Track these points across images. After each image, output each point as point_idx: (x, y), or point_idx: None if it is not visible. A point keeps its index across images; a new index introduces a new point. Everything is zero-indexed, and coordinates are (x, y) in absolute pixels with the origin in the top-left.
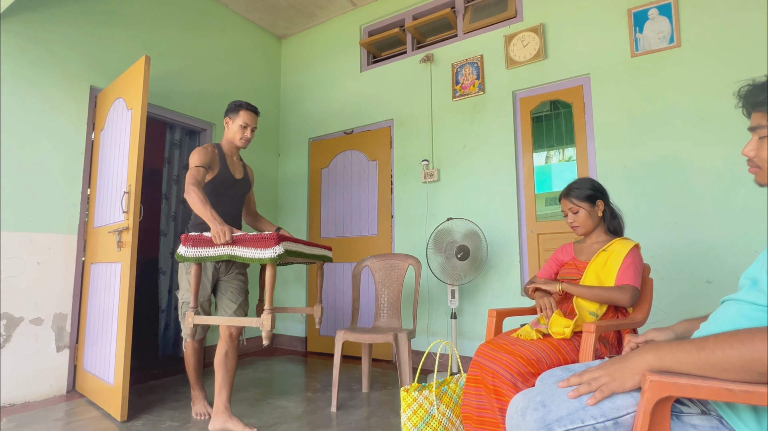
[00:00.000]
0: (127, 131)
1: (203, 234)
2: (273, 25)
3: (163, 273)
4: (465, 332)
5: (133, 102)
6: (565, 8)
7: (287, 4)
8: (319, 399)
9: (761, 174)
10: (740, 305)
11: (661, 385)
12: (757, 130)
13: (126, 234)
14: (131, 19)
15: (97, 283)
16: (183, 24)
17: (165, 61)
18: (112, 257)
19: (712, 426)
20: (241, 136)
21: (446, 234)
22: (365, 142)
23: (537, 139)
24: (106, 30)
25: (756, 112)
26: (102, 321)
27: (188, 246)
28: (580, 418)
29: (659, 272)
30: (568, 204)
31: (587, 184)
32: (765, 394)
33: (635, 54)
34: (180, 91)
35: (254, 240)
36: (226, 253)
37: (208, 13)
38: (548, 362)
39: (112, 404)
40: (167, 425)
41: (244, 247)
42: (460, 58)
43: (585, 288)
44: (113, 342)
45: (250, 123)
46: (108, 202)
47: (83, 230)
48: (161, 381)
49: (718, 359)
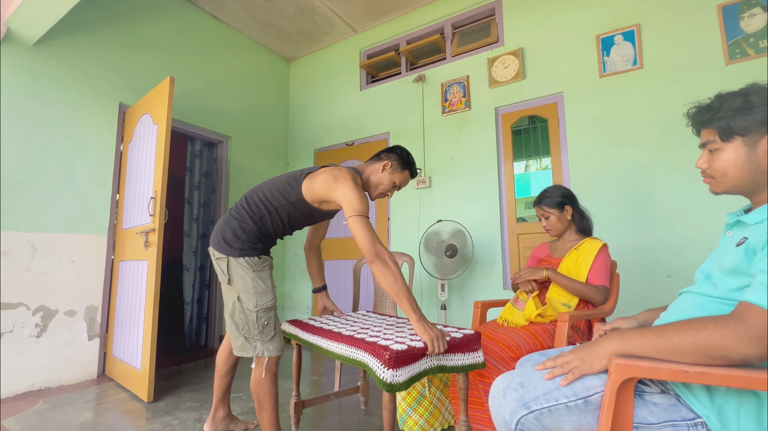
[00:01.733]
0: (153, 143)
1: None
2: (282, 48)
3: (187, 269)
4: (453, 321)
5: (159, 117)
6: (541, 34)
7: (295, 30)
8: (323, 382)
9: (715, 183)
10: (695, 297)
11: (626, 368)
12: (707, 145)
13: (152, 235)
14: (156, 44)
15: (126, 279)
16: (203, 48)
17: (186, 81)
18: (140, 255)
19: (671, 404)
20: (384, 194)
21: (436, 234)
22: (365, 152)
23: (517, 150)
24: (134, 53)
25: (704, 129)
26: (130, 312)
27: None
28: (554, 397)
29: (625, 267)
30: (540, 210)
31: (557, 191)
32: (716, 375)
33: (603, 75)
34: (200, 107)
35: (461, 345)
36: (437, 365)
37: (225, 38)
38: (527, 347)
39: (139, 387)
40: (187, 405)
41: (454, 353)
42: (448, 78)
43: (566, 279)
44: (140, 331)
45: (403, 185)
46: (136, 207)
47: (112, 231)
48: (184, 366)
49: (675, 344)
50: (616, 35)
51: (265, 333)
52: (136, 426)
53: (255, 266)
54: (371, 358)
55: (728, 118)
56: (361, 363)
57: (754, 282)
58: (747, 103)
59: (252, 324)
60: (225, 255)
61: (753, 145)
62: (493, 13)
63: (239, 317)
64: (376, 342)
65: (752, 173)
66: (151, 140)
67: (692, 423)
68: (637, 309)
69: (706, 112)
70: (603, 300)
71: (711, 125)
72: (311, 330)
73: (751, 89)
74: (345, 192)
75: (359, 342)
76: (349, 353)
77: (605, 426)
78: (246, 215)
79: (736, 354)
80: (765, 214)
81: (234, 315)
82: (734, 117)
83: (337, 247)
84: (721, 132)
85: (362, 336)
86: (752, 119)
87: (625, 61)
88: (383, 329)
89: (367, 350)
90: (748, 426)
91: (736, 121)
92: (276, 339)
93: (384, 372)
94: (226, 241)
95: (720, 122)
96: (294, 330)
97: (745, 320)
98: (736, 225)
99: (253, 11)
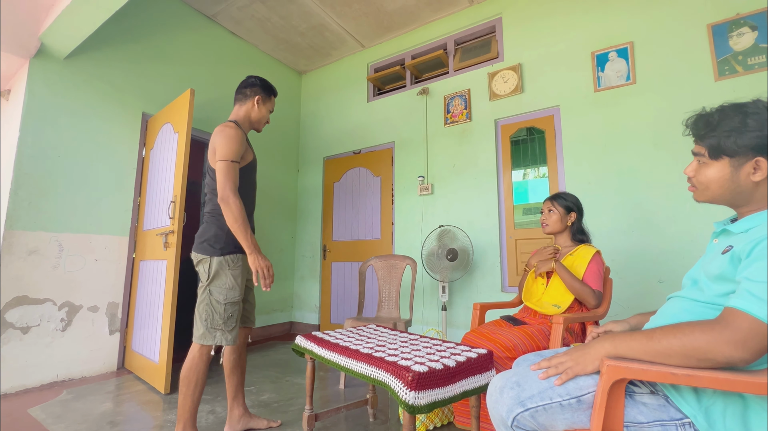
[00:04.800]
0: (174, 150)
1: (434, 370)
2: (295, 62)
3: None
4: (453, 322)
5: (180, 126)
6: (539, 51)
7: (307, 45)
8: (329, 378)
9: (698, 193)
10: (683, 302)
11: (617, 369)
12: (698, 156)
13: (171, 236)
14: (178, 57)
15: (146, 277)
16: (220, 61)
17: (205, 92)
18: (159, 255)
19: (660, 404)
20: (266, 121)
21: (438, 239)
22: (371, 160)
23: (515, 159)
24: (156, 66)
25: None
26: (149, 308)
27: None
28: (549, 396)
29: (618, 273)
30: (549, 205)
31: (572, 198)
32: (703, 377)
33: (598, 89)
34: (217, 117)
35: (477, 366)
36: (461, 392)
37: (241, 53)
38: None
39: (157, 379)
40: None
41: (473, 375)
42: (451, 91)
43: (569, 276)
44: (159, 327)
45: (273, 110)
46: (156, 209)
47: (134, 232)
48: None
49: (664, 347)
50: (611, 52)
51: (227, 324)
52: (153, 416)
53: (231, 265)
54: (393, 379)
55: (721, 137)
56: (382, 383)
57: (738, 289)
58: (742, 125)
59: (218, 315)
60: (208, 256)
61: (738, 166)
62: (493, 30)
63: (204, 308)
64: (396, 362)
65: (732, 192)
66: (172, 148)
67: (680, 423)
68: (630, 312)
69: (704, 125)
70: (597, 303)
71: (703, 141)
72: (327, 346)
73: (751, 108)
74: (215, 142)
75: (379, 362)
76: (370, 372)
77: (597, 425)
78: (219, 214)
79: (722, 357)
80: (750, 224)
81: (199, 307)
82: (727, 138)
83: (343, 250)
84: (711, 150)
85: (381, 354)
86: (742, 142)
87: (619, 76)
88: (399, 346)
89: (389, 370)
90: (733, 426)
91: (727, 143)
92: (234, 331)
93: (406, 394)
94: (209, 243)
95: (712, 140)
96: (309, 345)
97: (730, 324)
98: (723, 234)
99: (268, 27)
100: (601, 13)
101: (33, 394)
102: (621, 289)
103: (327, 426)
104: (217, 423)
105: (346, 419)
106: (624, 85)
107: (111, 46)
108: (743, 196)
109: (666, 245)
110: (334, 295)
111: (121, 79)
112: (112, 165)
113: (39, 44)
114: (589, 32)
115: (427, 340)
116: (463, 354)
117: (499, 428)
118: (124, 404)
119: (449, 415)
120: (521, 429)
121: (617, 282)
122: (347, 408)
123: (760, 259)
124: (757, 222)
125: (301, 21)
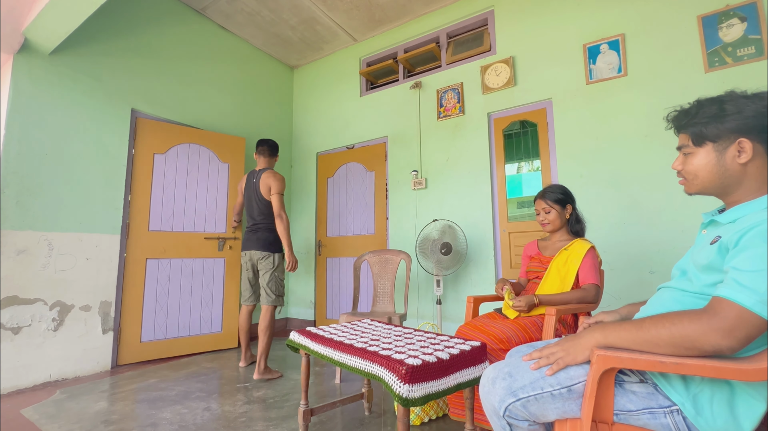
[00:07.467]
0: (218, 176)
1: (428, 362)
2: (286, 57)
3: None
4: (448, 315)
5: (227, 158)
6: (531, 44)
7: (298, 39)
8: (325, 373)
9: (687, 184)
10: (672, 292)
11: (607, 358)
12: (683, 148)
13: (230, 241)
14: (166, 52)
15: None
16: (211, 56)
17: (196, 87)
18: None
19: (649, 392)
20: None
21: (432, 233)
22: (364, 155)
23: (508, 153)
24: (145, 61)
25: (681, 133)
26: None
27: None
28: (540, 386)
29: (610, 264)
30: (542, 204)
31: (559, 189)
32: (690, 365)
33: (589, 82)
34: (211, 115)
35: (471, 358)
36: (455, 385)
37: (231, 47)
38: (516, 340)
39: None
40: (196, 395)
41: (467, 368)
42: (443, 85)
43: (559, 298)
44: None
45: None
46: (182, 213)
47: (125, 231)
48: (194, 358)
49: (653, 337)
50: (602, 44)
51: (283, 294)
52: (148, 415)
53: (282, 259)
54: (387, 372)
55: (702, 124)
56: (376, 377)
57: (726, 279)
58: (721, 111)
59: (282, 288)
60: (272, 253)
61: (723, 150)
62: (485, 23)
63: (274, 284)
64: (389, 355)
65: (720, 177)
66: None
67: (668, 410)
68: (622, 303)
69: (684, 117)
70: (595, 297)
71: (686, 130)
72: (322, 341)
73: (727, 97)
74: (270, 182)
75: (373, 356)
76: (364, 366)
77: (587, 413)
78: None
79: (709, 345)
80: (737, 214)
81: (270, 284)
82: (707, 124)
83: (339, 245)
84: (694, 137)
85: (374, 349)
86: (724, 127)
87: (611, 68)
88: (393, 340)
89: (382, 364)
90: (720, 413)
91: (709, 128)
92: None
93: (400, 387)
94: (272, 244)
95: (694, 128)
96: (304, 341)
97: (717, 313)
98: (711, 225)
99: (259, 22)
100: (592, 4)
101: (26, 395)
102: (613, 280)
103: (323, 421)
104: (212, 420)
105: (342, 413)
106: (615, 77)
107: (98, 42)
108: (732, 179)
109: (657, 236)
110: (329, 291)
111: (109, 75)
112: (100, 162)
113: (23, 39)
114: (581, 24)
115: (421, 334)
116: (456, 347)
117: (492, 418)
118: (119, 403)
119: (444, 407)
120: (513, 418)
121: (609, 273)
122: (342, 402)
123: (747, 249)
124: (744, 212)
125: (292, 14)
